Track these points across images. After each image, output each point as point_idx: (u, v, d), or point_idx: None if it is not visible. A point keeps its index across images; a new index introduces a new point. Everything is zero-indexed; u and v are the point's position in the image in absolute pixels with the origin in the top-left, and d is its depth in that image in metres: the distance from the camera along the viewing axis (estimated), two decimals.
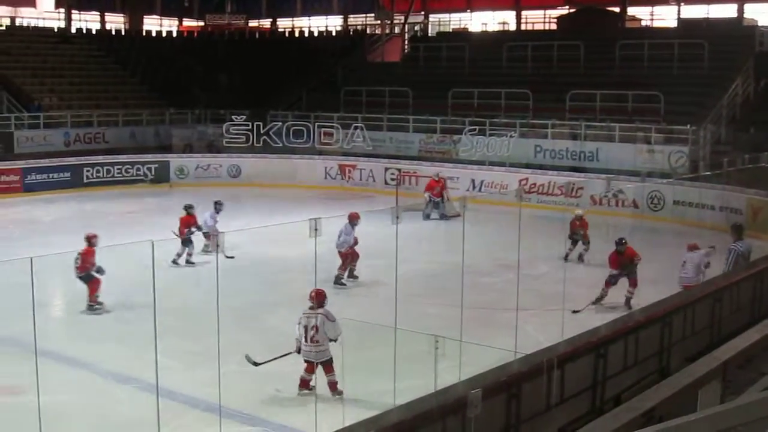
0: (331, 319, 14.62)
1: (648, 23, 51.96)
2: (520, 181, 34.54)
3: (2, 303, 18.29)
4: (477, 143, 37.09)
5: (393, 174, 38.48)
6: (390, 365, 12.68)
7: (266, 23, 65.25)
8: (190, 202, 25.58)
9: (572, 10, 52.40)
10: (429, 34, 55.15)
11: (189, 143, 42.98)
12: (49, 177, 37.95)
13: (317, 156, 40.62)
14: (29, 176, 37.47)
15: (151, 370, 11.23)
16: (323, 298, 14.92)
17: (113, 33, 55.80)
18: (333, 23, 62.38)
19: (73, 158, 39.19)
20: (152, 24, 61.10)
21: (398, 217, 12.66)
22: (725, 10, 47.39)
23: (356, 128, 39.83)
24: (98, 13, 59.72)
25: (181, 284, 21.04)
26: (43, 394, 10.97)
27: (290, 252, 24.49)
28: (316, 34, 58.04)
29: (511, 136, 36.41)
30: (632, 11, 52.25)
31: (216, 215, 25.52)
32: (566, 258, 24.78)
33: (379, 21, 56.05)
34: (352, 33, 57.48)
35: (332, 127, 40.74)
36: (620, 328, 12.76)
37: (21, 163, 37.63)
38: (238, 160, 40.62)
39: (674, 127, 34.11)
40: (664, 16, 51.32)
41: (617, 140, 34.92)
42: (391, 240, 12.86)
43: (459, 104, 40.41)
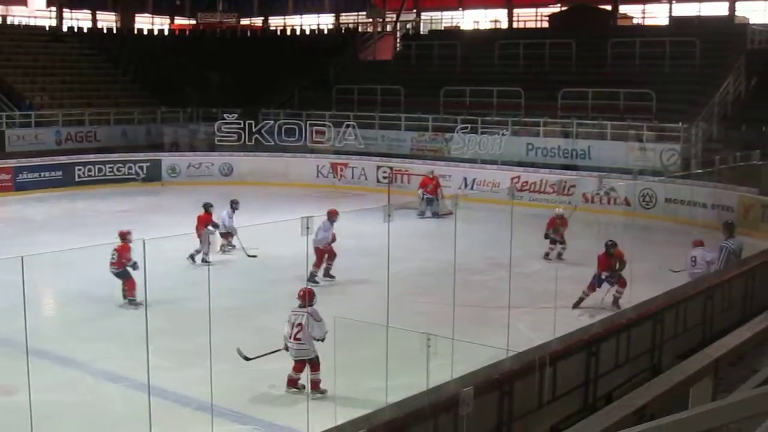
0: (317, 319, 14.64)
1: (639, 21, 52.03)
2: (512, 179, 34.52)
3: None
4: (469, 141, 37.10)
5: (385, 172, 38.48)
6: (382, 363, 12.66)
7: (258, 21, 65.27)
8: (209, 201, 25.54)
9: (564, 8, 52.47)
10: (421, 33, 55.12)
11: (175, 141, 42.92)
12: (41, 176, 37.85)
13: (309, 154, 40.58)
14: (21, 175, 37.35)
15: (143, 369, 11.22)
16: (311, 297, 14.92)
17: (105, 31, 55.73)
18: (325, 21, 62.44)
19: (65, 157, 39.09)
20: (144, 22, 61.05)
21: (390, 215, 12.65)
22: (716, 8, 47.49)
23: (348, 126, 39.80)
24: (89, 12, 59.66)
25: (174, 283, 20.97)
26: (35, 393, 10.94)
27: (282, 250, 24.53)
28: (308, 33, 58.06)
29: (503, 134, 36.43)
30: (624, 9, 52.34)
31: (233, 214, 25.53)
32: (547, 256, 24.91)
33: (371, 19, 56.05)
34: (344, 31, 57.52)
35: (324, 126, 40.70)
36: (612, 326, 12.79)
37: (12, 162, 37.52)
38: (230, 159, 40.56)
39: (666, 125, 34.14)
40: (656, 14, 51.39)
41: (609, 138, 34.95)
42: (383, 238, 12.84)
43: (451, 102, 40.42)
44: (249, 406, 14.46)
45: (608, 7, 50.95)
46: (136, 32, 56.60)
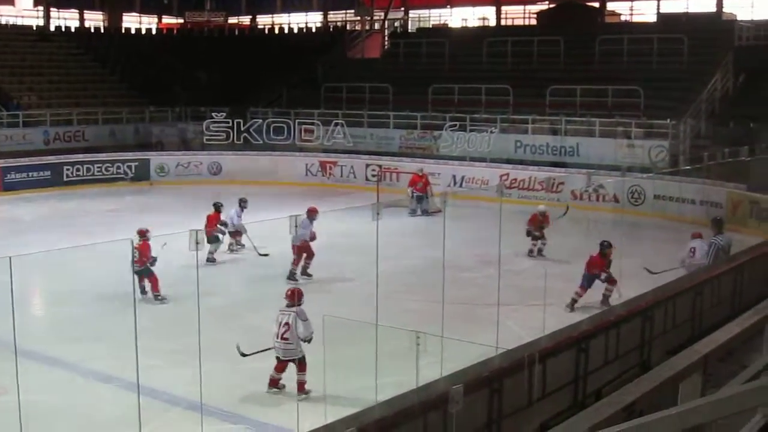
0: (303, 318, 14.60)
1: (627, 18, 51.98)
2: (501, 177, 34.56)
3: None
4: (457, 139, 37.11)
5: (374, 170, 38.47)
6: (371, 362, 12.66)
7: (246, 20, 65.14)
8: (219, 201, 25.54)
9: (552, 6, 52.50)
10: (409, 30, 55.03)
11: (159, 140, 42.86)
12: (29, 176, 37.75)
13: (298, 153, 40.53)
14: (9, 175, 37.24)
15: (133, 369, 11.19)
16: (298, 297, 14.89)
17: (92, 31, 55.51)
18: (313, 20, 62.31)
19: (53, 157, 38.99)
20: (131, 21, 60.84)
21: (379, 213, 12.64)
22: (704, 5, 47.45)
23: (337, 125, 39.78)
24: (77, 11, 59.38)
25: (163, 282, 20.92)
26: (24, 394, 10.92)
27: (271, 249, 24.54)
28: (296, 31, 57.94)
29: (492, 132, 36.45)
30: (612, 6, 52.35)
31: (241, 213, 25.46)
32: (530, 253, 24.91)
33: (359, 17, 56.01)
34: (332, 29, 57.42)
35: (313, 124, 40.66)
36: (601, 323, 12.80)
37: (0, 162, 37.36)
38: (219, 158, 40.51)
39: (654, 122, 34.21)
40: (644, 11, 51.35)
41: (597, 135, 35.01)
42: (372, 236, 12.83)
43: (439, 100, 40.42)
44: (239, 405, 14.45)
45: (596, 4, 51.01)
46: (124, 31, 56.39)
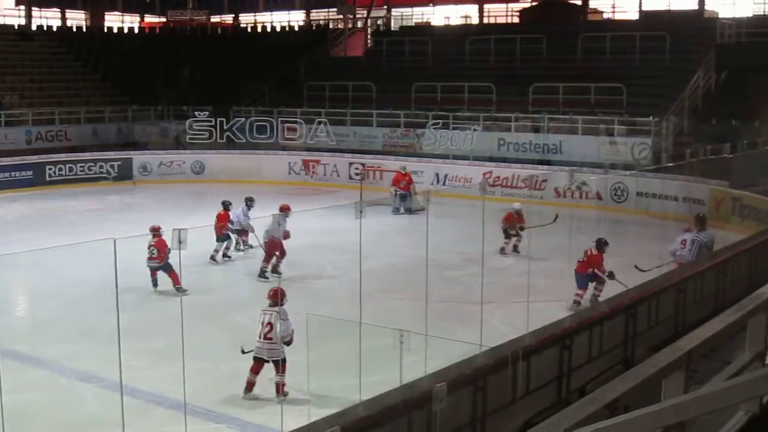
0: (283, 318, 14.42)
1: (610, 16, 52.08)
2: (484, 175, 34.61)
3: None
4: (441, 137, 37.15)
5: (357, 169, 38.47)
6: (355, 360, 12.64)
7: (228, 19, 65.04)
8: (228, 199, 25.45)
9: (534, 3, 52.61)
10: (392, 29, 55.06)
11: (147, 141, 42.85)
12: (11, 175, 37.60)
13: (281, 151, 40.54)
14: None
15: (115, 369, 11.14)
16: (280, 297, 14.75)
17: (74, 30, 55.36)
18: (295, 18, 62.28)
19: (35, 156, 38.92)
20: (113, 20, 60.72)
21: (362, 212, 12.62)
22: (686, 3, 47.57)
23: (320, 123, 39.79)
24: (59, 10, 59.16)
25: (146, 282, 20.87)
26: (6, 394, 10.85)
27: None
28: (279, 30, 57.83)
29: (475, 130, 36.50)
30: (594, 4, 52.44)
31: (248, 211, 25.37)
32: (502, 251, 24.83)
33: (342, 16, 55.96)
34: (315, 28, 57.38)
35: (296, 123, 40.67)
36: (585, 320, 12.79)
37: None
38: (202, 157, 40.46)
39: (637, 119, 34.28)
40: (626, 9, 51.46)
41: (580, 132, 35.07)
42: (356, 235, 12.82)
43: (422, 98, 40.41)
44: (223, 405, 14.39)
45: (578, 2, 51.12)
46: (106, 30, 56.27)
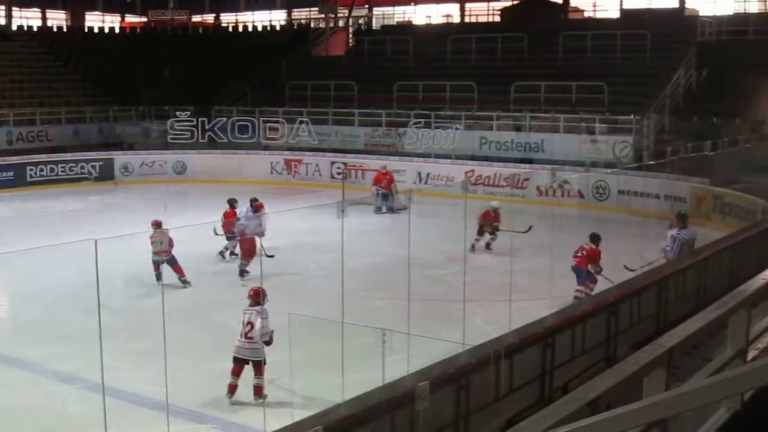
0: (263, 317, 14.31)
1: (591, 14, 52.25)
2: (466, 173, 34.67)
3: None
4: (422, 136, 37.16)
5: (339, 168, 38.45)
6: (338, 360, 12.62)
7: (210, 18, 64.96)
8: (234, 197, 25.38)
9: (515, 2, 52.62)
10: (373, 28, 55.12)
11: (132, 141, 42.78)
12: None
13: (263, 151, 40.50)
14: None
15: (98, 370, 11.10)
16: (260, 297, 14.66)
17: (55, 30, 55.16)
18: (277, 18, 62.22)
19: (16, 157, 38.76)
20: (94, 20, 60.55)
21: (344, 211, 12.61)
22: (667, 1, 47.72)
23: (302, 123, 39.78)
24: (39, 10, 59.02)
25: (127, 283, 20.82)
26: None
27: (237, 248, 24.45)
28: (260, 29, 57.76)
29: (457, 129, 36.54)
30: (575, 2, 52.59)
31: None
32: (473, 249, 24.79)
33: (323, 15, 55.92)
34: (296, 27, 57.35)
35: (277, 122, 40.64)
36: (568, 318, 12.81)
37: None
38: (183, 157, 40.38)
39: (618, 117, 34.38)
40: (607, 7, 51.60)
41: (562, 131, 35.14)
42: (338, 234, 12.80)
43: (404, 97, 40.42)
44: (206, 405, 14.34)
45: (560, 1, 51.18)
46: (87, 30, 56.06)
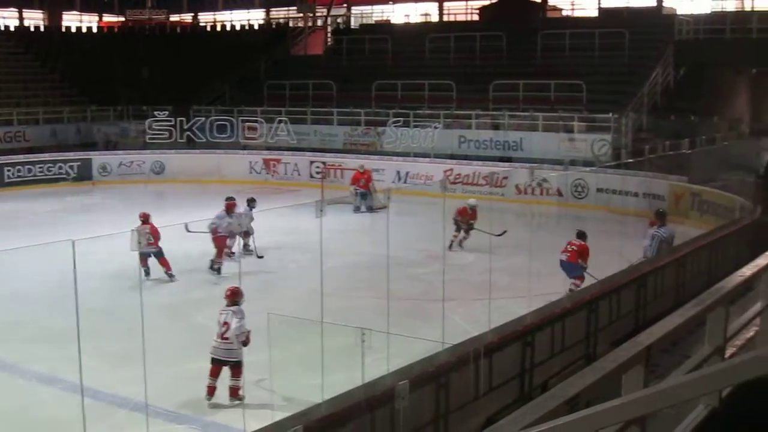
0: (238, 317, 14.19)
1: (569, 13, 52.38)
2: (445, 172, 34.73)
3: None
4: (401, 135, 37.17)
5: (318, 167, 38.44)
6: (317, 359, 12.60)
7: (188, 18, 64.82)
8: (232, 195, 25.26)
9: (494, 1, 52.65)
10: (352, 27, 55.06)
11: (115, 141, 42.70)
12: None
13: (241, 151, 40.44)
14: None
15: (76, 371, 11.05)
16: (237, 297, 14.57)
17: (32, 29, 54.88)
18: (255, 17, 62.11)
19: None
20: (72, 20, 60.30)
21: (322, 210, 12.60)
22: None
23: (280, 122, 39.73)
24: (16, 10, 58.69)
25: (103, 283, 20.73)
26: None
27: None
28: (238, 28, 57.62)
29: (435, 127, 36.57)
30: (553, 1, 52.69)
31: (250, 212, 25.19)
32: (451, 246, 24.78)
33: (302, 14, 55.87)
34: (275, 27, 57.25)
35: (256, 122, 40.59)
36: (547, 316, 12.84)
37: None
38: (162, 156, 40.25)
39: (596, 116, 34.49)
40: (585, 6, 51.75)
41: (540, 129, 35.22)
42: (317, 233, 12.79)
43: (383, 96, 40.42)
44: (185, 406, 14.30)
45: (538, 0, 51.28)
46: (64, 30, 55.86)
